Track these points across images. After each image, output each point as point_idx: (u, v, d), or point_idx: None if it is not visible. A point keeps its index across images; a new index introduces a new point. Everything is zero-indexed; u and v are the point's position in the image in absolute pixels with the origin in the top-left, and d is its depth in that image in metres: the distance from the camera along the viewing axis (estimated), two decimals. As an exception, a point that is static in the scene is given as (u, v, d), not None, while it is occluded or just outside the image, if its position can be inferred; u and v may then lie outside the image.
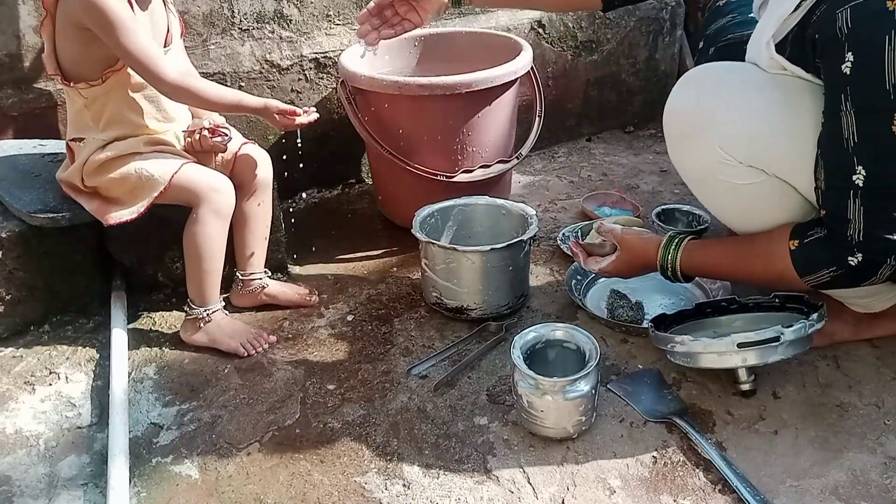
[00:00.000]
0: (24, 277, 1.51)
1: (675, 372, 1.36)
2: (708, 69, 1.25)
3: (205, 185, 1.43)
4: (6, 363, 1.48)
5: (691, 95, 1.23)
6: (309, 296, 1.63)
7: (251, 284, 1.59)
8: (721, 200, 1.28)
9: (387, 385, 1.38)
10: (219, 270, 1.48)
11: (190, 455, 1.24)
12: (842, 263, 1.11)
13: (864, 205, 1.06)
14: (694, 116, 1.21)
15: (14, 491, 1.19)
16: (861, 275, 1.12)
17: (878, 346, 1.38)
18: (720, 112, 1.17)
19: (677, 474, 1.15)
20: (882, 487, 1.11)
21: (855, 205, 1.07)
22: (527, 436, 1.24)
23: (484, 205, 1.67)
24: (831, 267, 1.12)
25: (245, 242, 1.57)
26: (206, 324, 1.48)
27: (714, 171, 1.20)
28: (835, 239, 1.11)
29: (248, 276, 1.59)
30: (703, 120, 1.19)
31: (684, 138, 1.24)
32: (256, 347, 1.48)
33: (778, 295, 1.33)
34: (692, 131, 1.21)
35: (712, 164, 1.19)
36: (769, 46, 1.16)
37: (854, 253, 1.09)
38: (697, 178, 1.27)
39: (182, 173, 1.42)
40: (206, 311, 1.48)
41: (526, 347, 1.25)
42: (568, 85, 2.41)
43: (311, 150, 2.11)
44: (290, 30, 2.00)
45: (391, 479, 1.17)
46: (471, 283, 1.48)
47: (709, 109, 1.19)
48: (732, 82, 1.19)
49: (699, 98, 1.21)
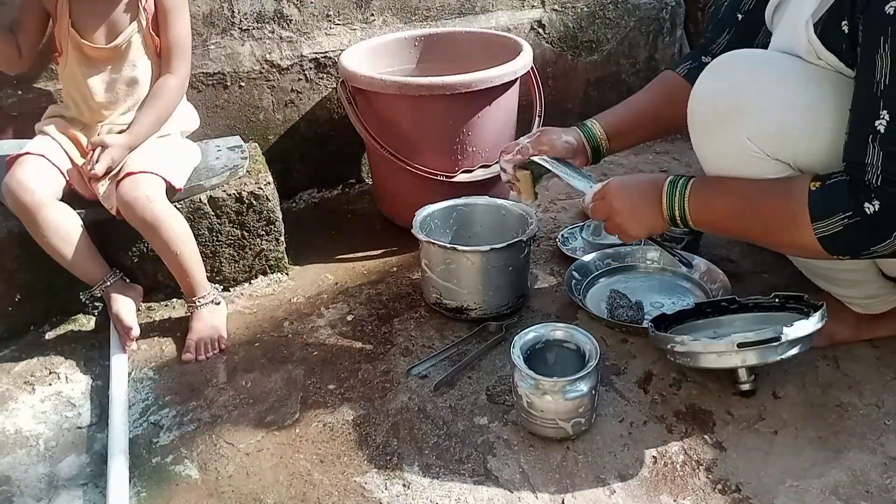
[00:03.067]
0: (24, 278, 1.52)
1: (675, 372, 1.36)
2: (741, 55, 1.18)
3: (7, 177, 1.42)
4: (6, 363, 1.48)
5: (724, 81, 1.15)
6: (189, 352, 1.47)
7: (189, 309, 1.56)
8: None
9: (387, 385, 1.38)
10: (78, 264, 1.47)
11: (190, 455, 1.24)
12: (858, 209, 1.03)
13: (884, 149, 1.01)
14: (725, 103, 1.14)
15: (14, 491, 1.19)
16: (875, 229, 1.04)
17: (878, 346, 1.38)
18: (753, 101, 1.11)
19: (677, 474, 1.15)
20: (882, 487, 1.11)
21: (874, 149, 1.02)
22: (527, 436, 1.24)
23: (484, 205, 1.67)
24: (847, 212, 1.04)
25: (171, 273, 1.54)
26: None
27: (739, 162, 1.15)
28: (854, 183, 1.05)
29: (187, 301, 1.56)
30: (734, 108, 1.13)
31: (712, 126, 1.16)
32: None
33: (778, 295, 1.33)
34: (721, 119, 1.14)
35: (739, 155, 1.14)
36: (808, 27, 1.10)
37: (871, 199, 1.02)
38: (720, 169, 1.19)
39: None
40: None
41: (526, 347, 1.25)
42: (568, 85, 2.41)
43: (311, 149, 2.11)
44: (290, 30, 2.00)
45: (391, 479, 1.17)
46: (471, 283, 1.48)
47: (742, 97, 1.12)
48: (768, 70, 1.13)
49: (731, 85, 1.14)
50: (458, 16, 2.21)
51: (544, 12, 2.30)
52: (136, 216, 1.44)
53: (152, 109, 1.50)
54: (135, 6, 1.48)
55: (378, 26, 2.10)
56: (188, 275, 1.51)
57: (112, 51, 1.48)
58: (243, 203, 1.65)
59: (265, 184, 1.68)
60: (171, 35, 1.50)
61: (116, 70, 1.49)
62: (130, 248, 1.62)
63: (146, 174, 1.45)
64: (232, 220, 1.65)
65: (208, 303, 1.54)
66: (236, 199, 1.64)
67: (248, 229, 1.68)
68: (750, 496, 1.11)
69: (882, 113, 1.01)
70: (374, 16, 2.09)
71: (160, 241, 1.47)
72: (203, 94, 1.94)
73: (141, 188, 1.43)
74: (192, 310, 1.53)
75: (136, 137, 1.49)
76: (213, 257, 1.66)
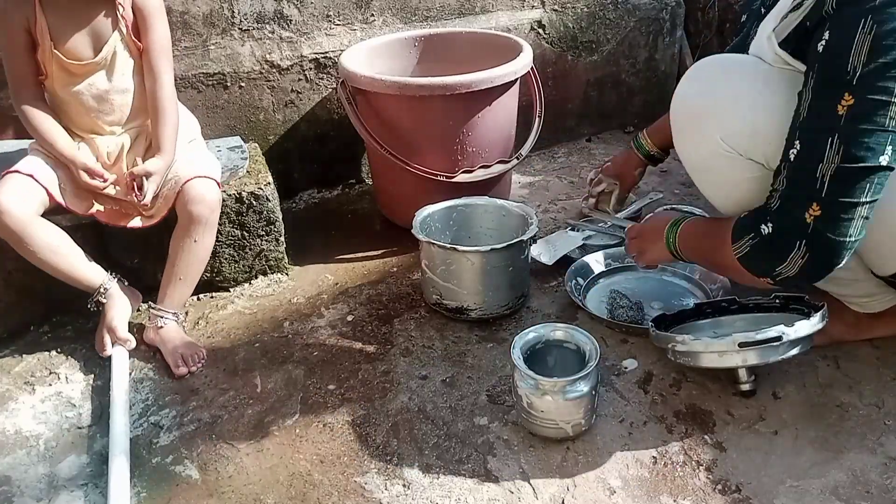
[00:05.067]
0: (24, 278, 1.51)
1: (675, 372, 1.36)
2: (715, 60, 1.25)
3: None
4: (6, 363, 1.48)
5: (698, 85, 1.23)
6: (182, 365, 1.44)
7: (153, 320, 1.50)
8: (720, 191, 1.28)
9: (387, 385, 1.38)
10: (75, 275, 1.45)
11: (190, 455, 1.24)
12: (757, 231, 1.11)
13: (787, 177, 1.08)
14: (698, 107, 1.21)
15: (14, 491, 1.19)
16: (772, 251, 1.10)
17: (878, 346, 1.38)
18: (723, 103, 1.17)
19: (677, 474, 1.15)
20: (882, 487, 1.11)
21: (783, 175, 1.08)
22: (527, 436, 1.24)
23: (484, 205, 1.67)
24: (751, 233, 1.12)
25: (165, 275, 1.51)
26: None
27: (714, 162, 1.20)
28: (763, 208, 1.12)
29: (155, 309, 1.51)
30: (706, 110, 1.19)
31: (688, 128, 1.24)
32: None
33: (778, 295, 1.33)
34: (696, 121, 1.21)
35: (713, 155, 1.19)
36: (771, 40, 1.16)
37: (767, 221, 1.09)
38: (698, 168, 1.27)
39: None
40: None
41: (526, 347, 1.25)
42: (568, 85, 2.41)
43: (311, 150, 2.11)
44: (291, 30, 2.00)
45: (391, 479, 1.17)
46: (471, 283, 1.48)
47: (713, 100, 1.19)
48: (738, 74, 1.19)
49: (704, 89, 1.21)
50: (458, 16, 2.21)
51: (544, 13, 2.30)
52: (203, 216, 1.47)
53: (166, 122, 1.49)
54: (113, 14, 1.45)
55: (378, 26, 2.10)
56: (189, 285, 1.52)
57: (98, 63, 1.46)
58: (243, 203, 1.65)
59: (265, 184, 1.68)
60: (153, 39, 1.49)
61: (105, 81, 1.48)
62: (131, 250, 1.62)
63: (202, 179, 1.48)
64: (232, 221, 1.65)
65: (181, 321, 1.53)
66: (236, 199, 1.64)
67: (248, 229, 1.68)
68: (750, 496, 1.11)
69: (795, 143, 1.07)
70: (374, 16, 2.09)
71: (198, 244, 1.49)
72: (203, 95, 1.94)
73: (205, 191, 1.47)
74: (165, 321, 1.48)
75: (170, 154, 1.49)
76: (213, 257, 1.66)
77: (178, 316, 1.51)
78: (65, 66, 1.44)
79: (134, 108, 1.52)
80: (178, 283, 1.50)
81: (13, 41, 1.42)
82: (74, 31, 1.43)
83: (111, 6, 1.45)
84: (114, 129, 1.52)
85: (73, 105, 1.48)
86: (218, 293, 1.69)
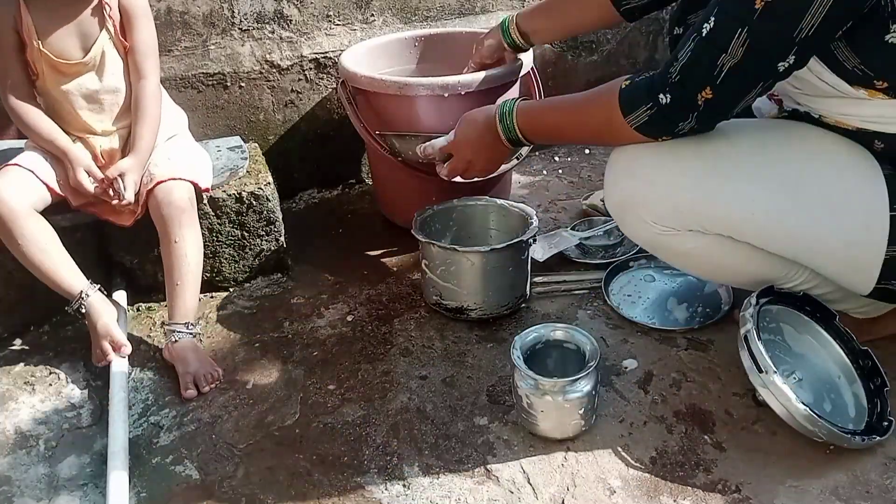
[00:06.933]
0: (24, 278, 1.51)
1: (675, 372, 1.36)
2: (625, 151, 1.24)
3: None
4: (6, 363, 1.48)
5: (613, 180, 1.27)
6: (192, 387, 1.37)
7: (167, 336, 1.45)
8: (678, 262, 1.34)
9: (387, 385, 1.38)
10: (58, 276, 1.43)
11: (190, 455, 1.24)
12: (655, 101, 1.11)
13: (692, 50, 1.07)
14: (621, 199, 1.26)
15: (14, 491, 1.19)
16: (670, 119, 1.12)
17: (879, 346, 1.38)
18: (640, 193, 1.21)
19: (677, 474, 1.15)
20: (882, 487, 1.11)
21: (689, 48, 1.08)
22: (527, 436, 1.24)
23: (484, 205, 1.67)
24: (648, 104, 1.12)
25: (166, 288, 1.48)
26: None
27: (661, 240, 1.25)
28: (659, 76, 1.12)
29: (167, 325, 1.47)
30: (629, 199, 1.24)
31: (622, 217, 1.28)
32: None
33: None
34: (625, 210, 1.26)
35: (655, 235, 1.24)
36: None
37: (666, 92, 1.10)
38: (651, 247, 1.32)
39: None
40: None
41: (526, 348, 1.25)
42: (568, 85, 2.41)
43: (311, 150, 2.11)
44: (291, 30, 2.00)
45: (391, 479, 1.17)
46: (470, 283, 1.48)
47: (630, 192, 1.23)
48: (647, 161, 1.20)
49: (620, 183, 1.25)
50: (458, 16, 2.21)
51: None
52: (173, 217, 1.45)
53: (145, 120, 1.50)
54: (100, 13, 1.45)
55: (378, 26, 2.10)
56: (190, 289, 1.47)
57: (87, 63, 1.46)
58: (243, 203, 1.65)
59: (265, 184, 1.68)
60: (139, 40, 1.49)
61: (95, 81, 1.48)
62: (130, 249, 1.62)
63: (176, 181, 1.47)
64: (232, 221, 1.65)
65: (197, 332, 1.47)
66: (236, 199, 1.64)
67: (248, 229, 1.68)
68: (750, 496, 1.11)
69: (711, 19, 1.05)
70: (374, 16, 2.09)
71: (178, 244, 1.46)
72: (203, 95, 1.94)
73: (174, 193, 1.46)
74: (177, 335, 1.43)
75: (144, 153, 1.49)
76: (213, 257, 1.66)
77: (191, 326, 1.45)
78: (54, 64, 1.44)
79: (124, 108, 1.53)
80: (176, 289, 1.46)
81: (1, 40, 1.42)
82: (60, 29, 1.43)
83: (97, 5, 1.45)
84: (105, 129, 1.52)
85: (65, 104, 1.48)
86: (218, 293, 1.69)
